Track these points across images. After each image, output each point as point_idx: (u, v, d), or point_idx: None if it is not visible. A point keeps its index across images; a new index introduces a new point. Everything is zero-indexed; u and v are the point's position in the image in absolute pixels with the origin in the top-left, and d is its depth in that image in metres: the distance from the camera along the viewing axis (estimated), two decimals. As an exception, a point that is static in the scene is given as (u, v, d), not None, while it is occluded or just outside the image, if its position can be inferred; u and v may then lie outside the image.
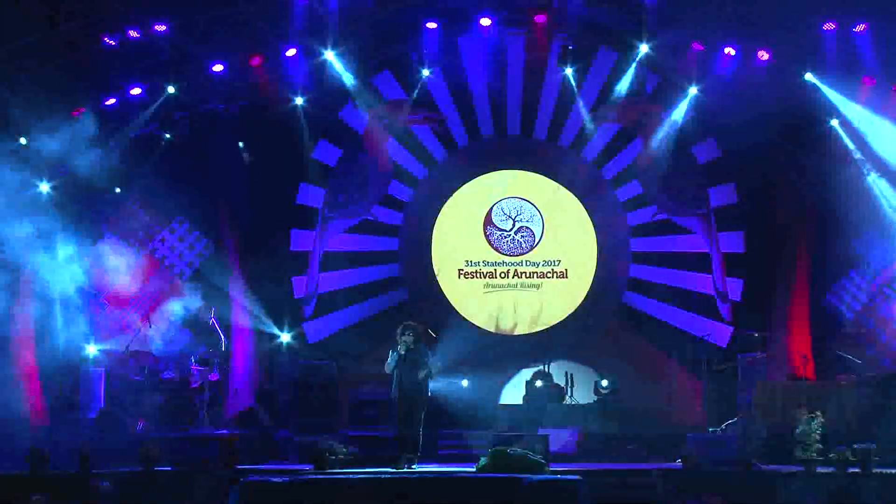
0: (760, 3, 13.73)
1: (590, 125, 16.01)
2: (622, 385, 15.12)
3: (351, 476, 9.89)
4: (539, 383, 15.02)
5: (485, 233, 16.69)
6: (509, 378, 16.11)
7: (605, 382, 14.93)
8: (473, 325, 16.45)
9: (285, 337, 15.76)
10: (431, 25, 14.77)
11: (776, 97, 14.81)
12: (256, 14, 14.00)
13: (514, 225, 16.70)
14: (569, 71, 15.43)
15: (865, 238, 15.04)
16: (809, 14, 13.82)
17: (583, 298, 16.48)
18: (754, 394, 13.47)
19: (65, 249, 15.16)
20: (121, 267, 15.70)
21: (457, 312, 16.46)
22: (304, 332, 16.09)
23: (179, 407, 13.68)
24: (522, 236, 16.67)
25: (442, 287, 16.58)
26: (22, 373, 14.31)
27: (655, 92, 15.77)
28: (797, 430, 10.72)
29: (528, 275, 16.59)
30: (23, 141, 14.15)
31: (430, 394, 11.36)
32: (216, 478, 9.60)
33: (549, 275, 16.58)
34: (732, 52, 14.48)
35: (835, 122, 15.01)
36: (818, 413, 10.79)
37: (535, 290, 16.55)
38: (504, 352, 16.31)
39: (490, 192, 16.74)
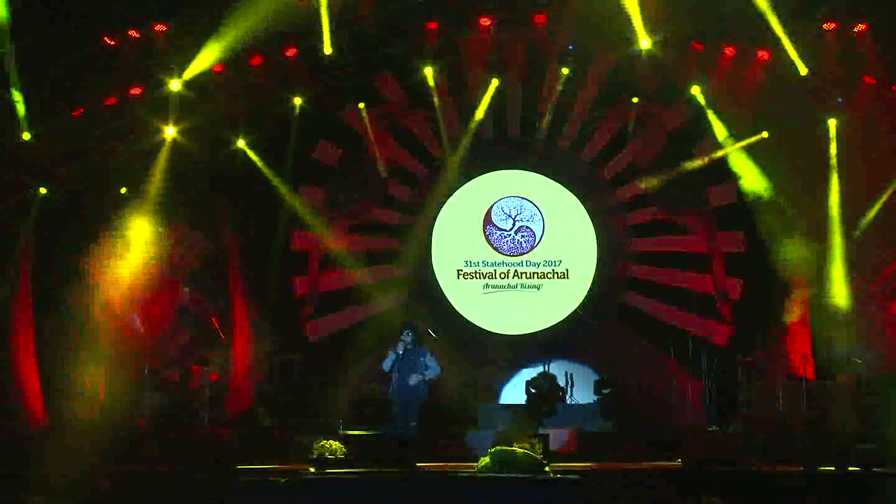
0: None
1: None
2: (622, 385, 15.11)
3: (351, 476, 9.89)
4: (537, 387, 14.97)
5: (484, 232, 16.67)
6: (509, 378, 16.11)
7: (606, 390, 14.92)
8: (473, 325, 16.45)
9: (285, 337, 15.73)
10: (431, 25, 14.77)
11: (776, 97, 14.80)
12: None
13: (514, 224, 16.68)
14: (568, 71, 15.41)
15: (866, 237, 15.03)
16: (809, 14, 13.81)
17: (583, 298, 16.47)
18: (754, 394, 13.49)
19: (65, 250, 15.18)
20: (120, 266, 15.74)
21: (457, 312, 16.46)
22: (304, 332, 16.08)
23: (179, 407, 13.67)
24: (523, 236, 16.64)
25: (442, 287, 16.56)
26: (22, 373, 14.34)
27: (655, 92, 15.75)
28: None
29: (528, 275, 16.57)
30: (26, 136, 14.11)
31: (426, 394, 11.37)
32: (216, 478, 9.59)
33: (550, 275, 16.55)
34: (733, 52, 14.48)
35: (832, 121, 15.00)
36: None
37: (535, 290, 16.53)
38: (504, 352, 16.31)
39: (490, 192, 16.72)
